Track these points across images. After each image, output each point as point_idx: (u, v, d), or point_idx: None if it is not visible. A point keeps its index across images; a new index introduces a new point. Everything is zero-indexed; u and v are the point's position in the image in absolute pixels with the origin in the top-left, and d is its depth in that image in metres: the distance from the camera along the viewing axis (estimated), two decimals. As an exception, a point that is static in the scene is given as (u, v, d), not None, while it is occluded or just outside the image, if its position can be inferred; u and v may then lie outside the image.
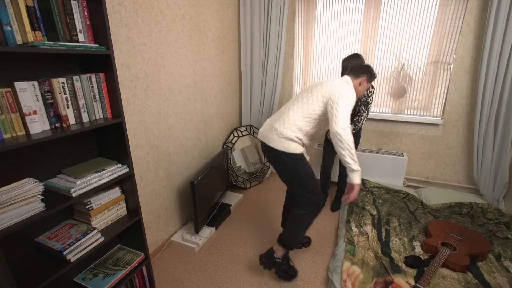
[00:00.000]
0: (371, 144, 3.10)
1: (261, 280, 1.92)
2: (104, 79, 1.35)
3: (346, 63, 2.25)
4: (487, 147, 2.53)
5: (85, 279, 1.52)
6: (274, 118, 1.81)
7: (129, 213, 1.63)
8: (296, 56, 3.15)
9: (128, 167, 1.51)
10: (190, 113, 2.40)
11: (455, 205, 2.50)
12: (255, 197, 3.05)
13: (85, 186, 1.29)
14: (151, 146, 2.00)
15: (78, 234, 1.33)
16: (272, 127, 1.74)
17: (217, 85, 2.79)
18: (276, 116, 1.81)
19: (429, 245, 1.92)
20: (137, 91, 1.81)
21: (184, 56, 2.24)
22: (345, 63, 2.26)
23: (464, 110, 2.67)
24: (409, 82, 2.83)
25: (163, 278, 1.97)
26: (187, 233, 2.32)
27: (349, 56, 2.28)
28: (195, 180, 2.08)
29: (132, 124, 1.81)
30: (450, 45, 2.58)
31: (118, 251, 1.75)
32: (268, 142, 1.74)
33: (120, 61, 1.65)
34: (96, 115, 1.37)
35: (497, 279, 1.69)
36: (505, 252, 1.92)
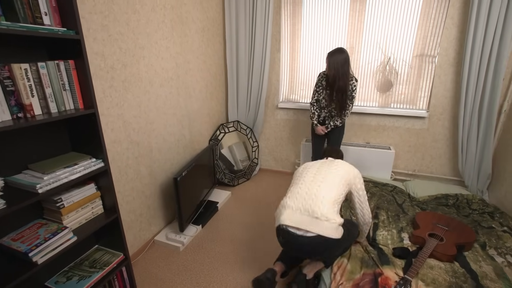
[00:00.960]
0: (358, 138, 3.09)
1: (249, 278, 1.86)
2: (74, 66, 1.26)
3: (331, 58, 2.25)
4: (471, 139, 2.56)
5: (58, 282, 1.42)
6: (306, 201, 1.54)
7: (106, 211, 1.54)
8: (283, 50, 3.10)
9: (103, 161, 1.42)
10: (173, 108, 2.31)
11: (441, 197, 2.51)
12: (243, 195, 2.99)
13: (54, 182, 1.20)
14: (131, 141, 1.90)
15: (47, 234, 1.23)
16: (314, 211, 1.49)
17: (201, 79, 2.71)
18: (308, 199, 1.54)
19: (416, 237, 1.90)
20: (114, 83, 1.72)
21: (166, 48, 2.15)
22: (330, 58, 2.26)
23: (448, 103, 2.69)
24: (395, 75, 2.83)
25: (145, 279, 1.88)
26: (171, 232, 2.24)
27: (334, 51, 2.28)
28: (178, 177, 2.00)
29: (110, 118, 1.72)
30: (435, 38, 2.59)
31: (96, 252, 1.65)
32: (317, 230, 1.45)
33: (94, 49, 1.55)
34: (66, 106, 1.27)
35: (483, 268, 1.69)
36: (490, 241, 1.93)
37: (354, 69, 2.91)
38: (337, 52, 2.25)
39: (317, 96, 2.57)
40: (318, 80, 2.53)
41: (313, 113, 2.61)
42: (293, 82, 3.22)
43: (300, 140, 3.30)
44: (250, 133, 3.25)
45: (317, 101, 2.61)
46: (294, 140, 3.35)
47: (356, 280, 1.58)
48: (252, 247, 2.15)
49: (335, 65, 2.24)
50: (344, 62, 2.24)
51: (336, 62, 2.24)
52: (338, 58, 2.24)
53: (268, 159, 3.57)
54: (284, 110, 3.28)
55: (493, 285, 1.56)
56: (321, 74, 2.53)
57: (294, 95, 3.26)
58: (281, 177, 3.41)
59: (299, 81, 3.18)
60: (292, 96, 3.27)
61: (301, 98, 3.22)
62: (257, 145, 3.32)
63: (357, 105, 3.00)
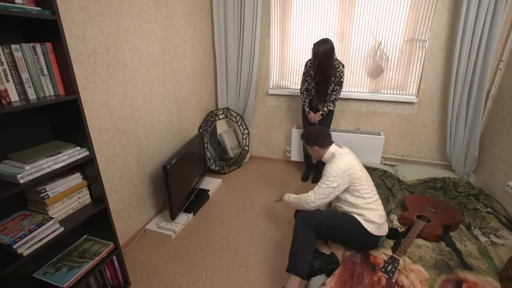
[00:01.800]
0: (349, 124, 3.10)
1: (240, 263, 1.87)
2: (52, 49, 1.18)
3: (317, 49, 2.30)
4: (459, 124, 2.59)
5: (47, 273, 1.39)
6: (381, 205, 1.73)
7: (93, 201, 1.51)
8: (273, 35, 3.03)
9: (88, 150, 1.37)
10: (160, 94, 2.25)
11: (429, 181, 2.56)
12: (234, 182, 2.98)
13: (36, 172, 1.15)
14: (117, 129, 1.84)
15: (32, 226, 1.19)
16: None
17: (189, 65, 2.63)
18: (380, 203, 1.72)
19: (405, 218, 1.95)
20: (97, 68, 1.64)
21: (151, 32, 2.06)
22: (316, 49, 2.31)
23: (438, 88, 2.70)
24: (386, 61, 2.82)
25: (137, 268, 1.87)
26: (162, 221, 2.22)
27: (320, 42, 2.33)
28: (168, 165, 1.97)
29: (94, 105, 1.65)
30: (425, 22, 2.57)
31: (85, 242, 1.62)
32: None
33: (73, 32, 1.47)
34: (46, 92, 1.21)
35: (468, 247, 1.75)
36: (475, 221, 1.99)
37: (345, 55, 2.88)
38: (322, 43, 2.31)
39: (306, 85, 2.60)
40: (306, 69, 2.58)
41: (304, 101, 2.66)
42: (283, 68, 3.17)
43: (290, 126, 3.29)
44: (241, 120, 3.22)
45: (307, 90, 2.62)
46: (285, 127, 3.34)
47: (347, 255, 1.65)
48: (243, 233, 2.17)
49: (320, 55, 2.30)
50: (328, 52, 2.30)
51: (321, 52, 2.30)
52: (323, 49, 2.29)
53: (259, 146, 3.55)
54: (274, 97, 3.24)
55: (477, 262, 1.62)
56: (308, 63, 2.55)
57: (285, 81, 3.22)
58: (272, 164, 3.41)
59: (289, 67, 3.13)
60: (282, 82, 3.23)
61: (291, 84, 3.19)
62: (247, 132, 3.29)
63: (348, 91, 2.99)
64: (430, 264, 1.59)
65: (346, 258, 1.62)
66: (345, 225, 1.64)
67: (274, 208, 2.49)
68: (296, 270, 1.54)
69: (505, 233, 1.84)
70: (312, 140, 1.78)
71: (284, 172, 3.21)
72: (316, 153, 1.79)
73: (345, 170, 1.61)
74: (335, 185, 1.62)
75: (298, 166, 3.34)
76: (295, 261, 1.56)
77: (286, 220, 2.31)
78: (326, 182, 1.65)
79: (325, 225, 1.64)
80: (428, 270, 1.55)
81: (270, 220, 2.32)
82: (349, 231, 1.64)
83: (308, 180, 3.01)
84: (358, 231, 1.62)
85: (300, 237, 1.60)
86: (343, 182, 1.62)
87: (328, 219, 1.66)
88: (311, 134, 1.79)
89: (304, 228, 1.61)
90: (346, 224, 1.64)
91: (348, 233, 1.65)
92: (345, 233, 1.66)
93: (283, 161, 3.48)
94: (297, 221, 1.64)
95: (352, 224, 1.63)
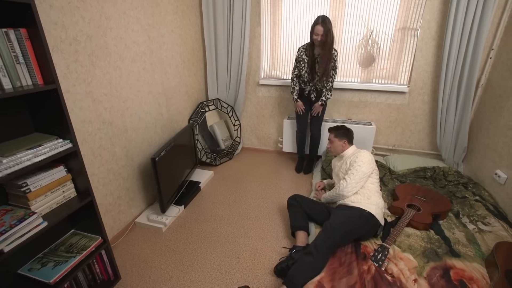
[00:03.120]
0: (340, 115, 3.09)
1: (232, 255, 1.87)
2: (27, 36, 1.12)
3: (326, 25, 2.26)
4: (449, 113, 2.60)
5: (32, 269, 1.36)
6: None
7: (79, 194, 1.46)
8: (263, 24, 2.97)
9: (71, 142, 1.32)
10: (148, 85, 2.18)
11: (419, 170, 2.59)
12: (225, 174, 2.96)
13: (14, 165, 1.10)
14: (103, 121, 1.79)
15: (13, 221, 1.15)
16: None
17: (177, 55, 2.56)
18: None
19: (396, 207, 1.97)
20: (79, 57, 1.57)
21: (136, 19, 1.99)
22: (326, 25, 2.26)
23: (429, 77, 2.70)
24: (377, 50, 2.79)
25: (127, 261, 1.85)
26: (153, 214, 2.19)
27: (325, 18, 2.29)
28: (156, 157, 1.92)
29: (77, 96, 1.59)
30: (418, 10, 2.55)
31: (72, 236, 1.59)
32: None
33: (51, 18, 1.39)
34: (23, 81, 1.15)
35: (456, 234, 1.78)
36: (463, 210, 2.02)
37: (337, 44, 2.84)
38: (327, 19, 2.28)
39: (297, 71, 2.55)
40: (299, 54, 2.52)
41: (293, 88, 2.64)
42: (274, 57, 3.12)
43: (282, 117, 3.26)
44: (232, 112, 3.17)
45: (298, 76, 2.59)
46: (276, 118, 3.31)
47: None
48: (235, 224, 2.16)
49: (328, 31, 2.27)
50: (329, 30, 2.29)
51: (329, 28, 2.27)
52: (330, 25, 2.28)
53: (250, 138, 3.52)
54: (265, 87, 3.20)
55: (464, 249, 1.65)
56: (300, 49, 2.50)
57: (276, 71, 3.17)
58: (264, 156, 3.39)
59: (280, 56, 3.08)
60: (273, 72, 3.19)
61: (283, 75, 3.15)
62: (239, 124, 3.26)
63: (340, 81, 2.97)
64: (419, 252, 1.61)
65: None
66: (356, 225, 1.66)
67: (266, 200, 2.48)
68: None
69: (492, 220, 1.87)
70: (344, 134, 2.02)
71: (276, 163, 3.20)
72: (340, 147, 2.03)
73: (371, 159, 1.90)
74: (364, 169, 1.84)
75: (290, 157, 3.34)
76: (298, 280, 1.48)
77: (277, 211, 2.31)
78: (357, 167, 1.84)
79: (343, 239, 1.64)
80: (417, 258, 1.57)
81: (262, 212, 2.32)
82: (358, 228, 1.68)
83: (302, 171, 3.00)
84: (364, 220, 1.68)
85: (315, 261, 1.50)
86: (370, 168, 1.87)
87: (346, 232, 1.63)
88: (345, 129, 2.04)
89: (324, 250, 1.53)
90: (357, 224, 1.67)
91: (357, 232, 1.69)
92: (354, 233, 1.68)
93: (275, 152, 3.47)
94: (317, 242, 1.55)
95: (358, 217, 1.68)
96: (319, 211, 1.90)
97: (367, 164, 1.86)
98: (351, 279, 1.42)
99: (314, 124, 2.75)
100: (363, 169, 1.84)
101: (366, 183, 1.87)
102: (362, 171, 1.83)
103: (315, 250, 1.51)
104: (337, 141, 2.03)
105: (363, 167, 1.84)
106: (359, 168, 1.84)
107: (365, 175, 1.85)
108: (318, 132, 2.77)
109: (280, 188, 2.68)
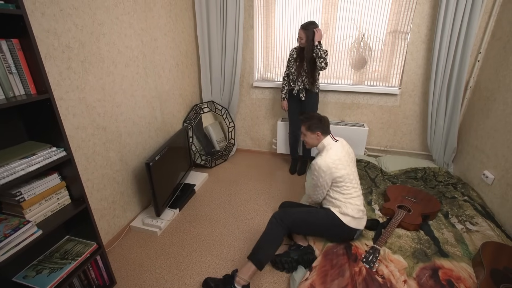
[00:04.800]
0: (333, 117, 3.12)
1: (226, 257, 1.89)
2: (19, 46, 1.12)
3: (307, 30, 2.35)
4: (439, 115, 2.66)
5: (27, 277, 1.37)
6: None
7: (73, 201, 1.47)
8: (257, 27, 2.98)
9: (65, 150, 1.33)
10: (141, 89, 2.19)
11: (410, 171, 2.64)
12: (220, 176, 2.98)
13: (9, 175, 1.11)
14: (97, 126, 1.79)
15: (7, 230, 1.15)
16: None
17: (171, 58, 2.57)
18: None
19: (387, 209, 2.01)
20: (72, 64, 1.57)
21: (129, 24, 1.99)
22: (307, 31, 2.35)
23: (419, 79, 2.75)
24: (369, 52, 2.83)
25: (123, 265, 1.86)
26: (148, 217, 2.20)
27: (307, 23, 2.37)
28: (151, 161, 1.93)
29: (70, 103, 1.59)
30: (408, 14, 2.59)
31: (67, 243, 1.59)
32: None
33: (43, 26, 1.39)
34: (15, 91, 1.15)
35: (445, 234, 1.83)
36: (452, 210, 2.08)
37: (329, 46, 2.88)
38: (310, 24, 2.36)
39: (288, 70, 2.63)
40: (290, 54, 2.64)
41: (282, 87, 2.75)
42: (268, 60, 3.14)
43: (276, 119, 3.29)
44: (226, 114, 3.19)
45: (288, 75, 2.66)
46: (271, 119, 3.33)
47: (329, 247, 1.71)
48: (229, 227, 2.18)
49: (308, 35, 2.35)
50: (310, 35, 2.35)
51: (309, 33, 2.35)
52: (310, 29, 2.34)
53: (245, 139, 3.55)
54: (259, 89, 3.22)
55: (453, 249, 1.70)
56: (292, 49, 2.60)
57: (270, 73, 3.19)
58: (258, 157, 3.42)
59: (274, 58, 3.10)
60: (267, 75, 3.21)
61: (276, 77, 3.17)
62: (233, 126, 3.27)
63: (333, 83, 3.01)
64: (409, 253, 1.65)
65: (328, 250, 1.67)
66: (321, 222, 1.68)
67: (260, 202, 2.51)
68: (255, 260, 1.59)
69: (479, 220, 1.93)
70: (316, 125, 1.71)
71: (270, 164, 3.23)
72: (315, 139, 1.74)
73: (329, 166, 1.62)
74: (320, 181, 1.67)
75: (284, 158, 3.37)
76: (257, 251, 1.61)
77: (272, 213, 2.34)
78: (313, 179, 1.72)
79: (300, 224, 1.68)
80: (407, 259, 1.61)
81: (256, 214, 2.34)
82: (324, 227, 1.69)
83: (296, 172, 3.04)
84: (334, 226, 1.67)
85: (270, 232, 1.64)
86: (328, 179, 1.65)
87: (304, 218, 1.68)
88: (316, 119, 1.73)
89: (277, 225, 1.64)
90: (321, 221, 1.68)
91: (324, 229, 1.71)
92: (321, 230, 1.72)
93: (269, 153, 3.50)
94: (274, 217, 1.67)
95: (328, 218, 1.68)
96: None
97: (322, 175, 1.64)
98: (343, 281, 1.45)
99: None
100: (318, 183, 1.68)
101: (333, 193, 1.69)
102: (318, 184, 1.68)
103: (269, 222, 1.66)
104: (310, 134, 1.74)
105: (319, 178, 1.66)
106: (314, 180, 1.70)
107: (321, 187, 1.68)
108: None
109: (274, 189, 2.71)
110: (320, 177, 1.65)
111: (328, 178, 1.64)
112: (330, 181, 1.66)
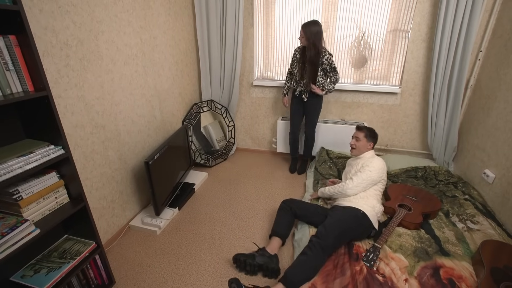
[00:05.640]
0: (334, 115, 3.11)
1: (226, 257, 1.88)
2: (16, 43, 1.11)
3: (305, 29, 2.34)
4: (440, 114, 2.65)
5: (25, 276, 1.35)
6: None
7: (72, 200, 1.46)
8: (256, 25, 2.97)
9: (63, 148, 1.31)
10: (140, 88, 2.17)
11: (411, 170, 2.63)
12: (220, 175, 2.96)
13: (6, 173, 1.09)
14: (95, 125, 1.78)
15: (4, 229, 1.14)
16: None
17: (170, 56, 2.55)
18: None
19: (388, 207, 2.00)
20: (70, 61, 1.56)
21: (128, 22, 1.97)
22: (305, 29, 2.34)
23: (420, 78, 2.74)
24: (370, 51, 2.82)
25: (122, 265, 1.85)
26: (147, 216, 2.19)
27: (309, 22, 2.35)
28: (150, 160, 1.92)
29: (68, 100, 1.58)
30: (408, 12, 2.58)
31: (65, 242, 1.58)
32: None
33: (41, 23, 1.38)
34: (12, 88, 1.14)
35: (445, 233, 1.82)
36: (453, 209, 2.07)
37: (329, 45, 2.87)
38: (311, 24, 2.33)
39: (291, 68, 2.63)
40: (294, 54, 2.62)
41: (284, 84, 2.76)
42: (268, 58, 3.13)
43: (276, 118, 3.28)
44: (226, 113, 3.18)
45: (291, 74, 2.65)
46: (270, 119, 3.32)
47: None
48: (229, 226, 2.17)
49: (309, 35, 2.33)
50: (316, 33, 2.33)
51: (310, 32, 2.33)
52: (312, 29, 2.32)
53: (244, 138, 3.53)
54: (259, 88, 3.21)
55: (454, 248, 1.69)
56: (296, 48, 2.59)
57: (269, 72, 3.18)
58: (258, 156, 3.41)
59: (274, 57, 3.09)
60: (267, 73, 3.20)
61: (276, 75, 3.16)
62: (233, 125, 3.26)
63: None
64: (409, 252, 1.64)
65: (330, 249, 1.65)
66: (351, 226, 1.71)
67: (260, 201, 2.50)
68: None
69: (481, 219, 1.92)
70: (372, 136, 2.06)
71: (270, 163, 3.22)
72: (365, 147, 2.05)
73: (383, 168, 1.95)
74: (374, 175, 1.89)
75: (284, 157, 3.36)
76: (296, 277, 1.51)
77: (272, 213, 2.33)
78: (367, 172, 1.89)
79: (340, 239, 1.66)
80: (408, 257, 1.60)
81: (256, 213, 2.33)
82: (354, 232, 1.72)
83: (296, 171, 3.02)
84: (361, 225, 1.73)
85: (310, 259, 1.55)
86: (379, 176, 1.91)
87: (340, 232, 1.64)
88: (374, 132, 2.08)
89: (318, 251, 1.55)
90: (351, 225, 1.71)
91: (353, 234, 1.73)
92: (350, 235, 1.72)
93: (269, 152, 3.48)
94: (311, 243, 1.58)
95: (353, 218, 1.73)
96: (314, 213, 1.92)
97: (378, 171, 1.90)
98: (344, 280, 1.44)
99: (308, 125, 2.77)
100: (373, 175, 1.89)
101: (370, 189, 1.91)
102: (371, 177, 1.88)
103: (308, 249, 1.55)
104: (365, 141, 2.04)
105: (373, 173, 1.89)
106: (369, 173, 1.89)
107: (373, 181, 1.90)
108: (312, 133, 2.80)
109: (274, 188, 2.69)
110: (374, 172, 1.89)
111: (380, 176, 1.92)
112: (379, 179, 1.92)
